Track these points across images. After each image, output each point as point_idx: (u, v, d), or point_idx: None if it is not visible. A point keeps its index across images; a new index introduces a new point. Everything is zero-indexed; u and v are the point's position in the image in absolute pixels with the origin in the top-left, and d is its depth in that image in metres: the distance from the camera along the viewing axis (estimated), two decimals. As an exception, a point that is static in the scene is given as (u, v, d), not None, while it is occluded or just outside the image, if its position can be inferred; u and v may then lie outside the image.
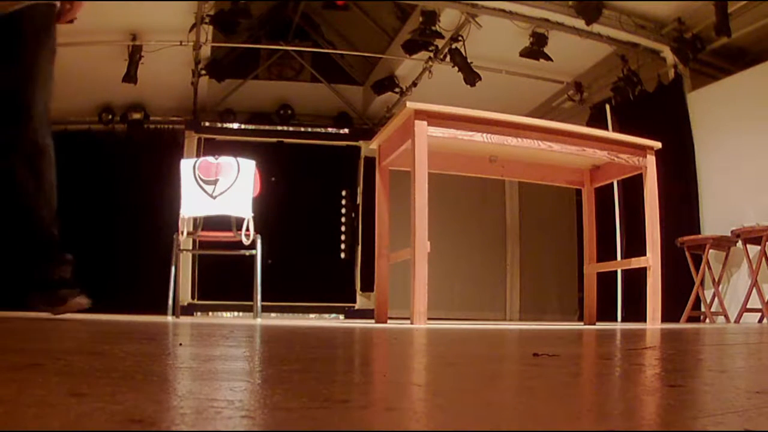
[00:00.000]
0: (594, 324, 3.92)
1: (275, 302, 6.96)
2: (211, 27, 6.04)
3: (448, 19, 5.97)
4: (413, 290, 2.94)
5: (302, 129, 8.20)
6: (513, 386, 0.75)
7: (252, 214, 4.29)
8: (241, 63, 7.86)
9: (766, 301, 4.60)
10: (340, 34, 8.19)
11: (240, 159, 4.40)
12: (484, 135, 3.20)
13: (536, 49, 5.94)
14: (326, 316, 7.81)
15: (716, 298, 5.05)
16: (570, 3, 5.55)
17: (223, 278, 6.97)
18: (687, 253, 5.15)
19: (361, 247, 7.94)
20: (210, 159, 4.42)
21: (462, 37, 6.12)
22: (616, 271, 6.17)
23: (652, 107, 6.03)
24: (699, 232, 5.38)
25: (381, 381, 0.78)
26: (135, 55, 6.23)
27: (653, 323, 3.40)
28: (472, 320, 6.08)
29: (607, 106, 6.58)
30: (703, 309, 5.14)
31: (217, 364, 0.90)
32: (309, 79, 8.30)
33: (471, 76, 6.33)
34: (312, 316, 7.70)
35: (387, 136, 3.54)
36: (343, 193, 8.27)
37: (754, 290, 4.68)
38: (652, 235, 3.52)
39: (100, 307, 5.28)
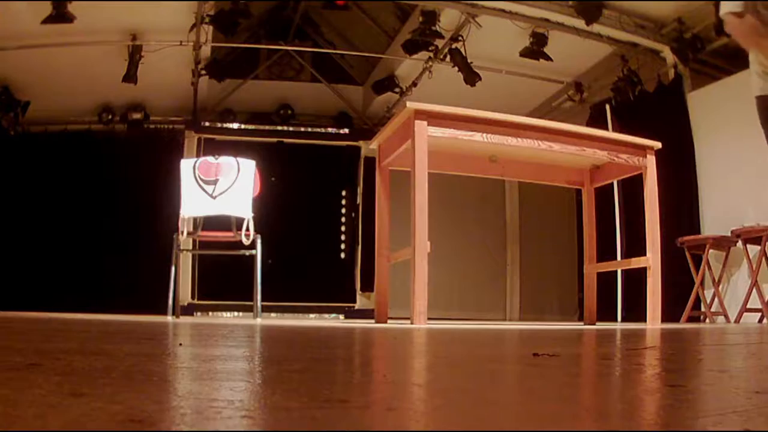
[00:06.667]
0: (594, 324, 3.92)
1: (275, 302, 6.96)
2: (211, 27, 6.04)
3: (448, 19, 5.96)
4: (413, 290, 2.94)
5: (302, 129, 8.20)
6: (513, 386, 0.75)
7: (252, 214, 4.29)
8: (241, 63, 7.85)
9: (766, 301, 4.60)
10: (340, 34, 8.19)
11: (240, 159, 4.40)
12: (484, 135, 3.20)
13: (536, 49, 5.93)
14: (326, 316, 7.81)
15: (716, 298, 5.05)
16: (570, 3, 5.55)
17: (223, 278, 6.96)
18: (687, 253, 5.14)
19: (361, 247, 7.93)
20: (210, 159, 4.42)
21: (462, 37, 6.12)
22: (616, 271, 6.16)
23: (652, 107, 6.02)
24: (699, 232, 5.38)
25: (381, 381, 0.77)
26: (135, 55, 6.22)
27: (653, 323, 3.40)
28: (472, 320, 6.08)
29: (607, 106, 6.58)
30: (703, 309, 5.14)
31: (217, 364, 0.90)
32: (309, 79, 8.29)
33: (471, 76, 6.33)
34: (312, 316, 7.70)
35: (387, 136, 3.54)
36: (343, 193, 8.27)
37: (754, 290, 4.67)
38: (652, 235, 3.52)
39: (100, 307, 5.26)
